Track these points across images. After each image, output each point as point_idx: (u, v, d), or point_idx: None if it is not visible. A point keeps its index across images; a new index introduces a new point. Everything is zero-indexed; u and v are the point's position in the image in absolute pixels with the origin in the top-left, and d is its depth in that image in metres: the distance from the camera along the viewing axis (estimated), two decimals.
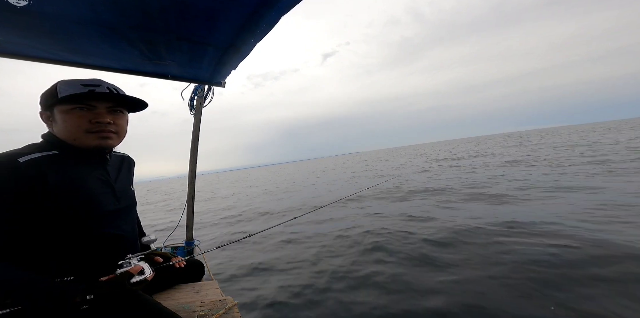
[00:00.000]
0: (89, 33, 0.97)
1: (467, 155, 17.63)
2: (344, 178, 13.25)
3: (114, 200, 0.91)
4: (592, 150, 11.30)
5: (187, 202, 2.36)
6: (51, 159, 0.80)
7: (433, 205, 5.22)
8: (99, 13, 0.85)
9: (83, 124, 0.84)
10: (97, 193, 0.87)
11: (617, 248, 2.50)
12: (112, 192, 0.92)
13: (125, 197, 0.98)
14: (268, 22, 0.92)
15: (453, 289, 2.16)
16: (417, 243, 3.26)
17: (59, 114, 0.83)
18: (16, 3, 0.76)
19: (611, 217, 3.39)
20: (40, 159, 0.78)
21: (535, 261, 2.44)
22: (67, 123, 0.83)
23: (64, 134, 0.85)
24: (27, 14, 0.82)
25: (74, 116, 0.83)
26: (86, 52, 1.15)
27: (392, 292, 2.22)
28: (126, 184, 1.02)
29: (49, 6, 0.80)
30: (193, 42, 1.07)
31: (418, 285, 2.28)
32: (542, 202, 4.44)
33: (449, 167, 11.90)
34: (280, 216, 6.12)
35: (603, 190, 4.68)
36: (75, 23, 0.90)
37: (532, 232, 3.15)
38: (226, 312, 1.11)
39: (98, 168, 0.92)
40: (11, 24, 0.89)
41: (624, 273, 2.10)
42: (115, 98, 0.88)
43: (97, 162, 0.92)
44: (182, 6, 0.83)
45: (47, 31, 0.94)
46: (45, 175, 0.75)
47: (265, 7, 0.84)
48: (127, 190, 1.01)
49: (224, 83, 1.69)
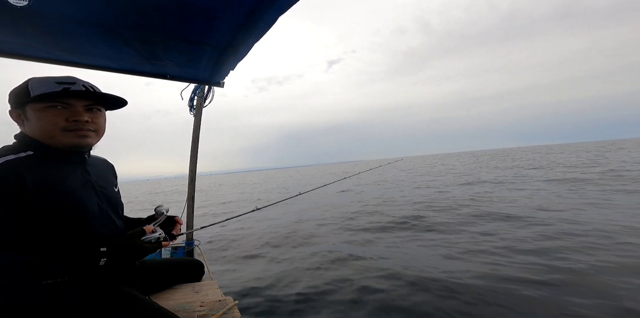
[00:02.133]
0: (87, 33, 0.96)
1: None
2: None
3: (97, 200, 0.89)
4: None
5: (187, 202, 2.36)
6: (27, 161, 0.76)
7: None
8: (96, 13, 0.85)
9: (60, 122, 0.81)
10: (79, 193, 0.84)
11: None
12: (94, 192, 0.90)
13: (108, 197, 0.96)
14: (266, 22, 0.92)
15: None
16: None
17: (32, 112, 0.80)
18: (16, 3, 0.76)
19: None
20: (15, 161, 0.74)
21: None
22: (41, 121, 0.80)
23: (38, 133, 0.81)
24: (26, 14, 0.82)
25: (49, 114, 0.80)
26: (84, 52, 1.15)
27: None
28: (109, 184, 0.99)
29: (48, 6, 0.80)
30: (190, 42, 1.07)
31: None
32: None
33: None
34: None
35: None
36: (73, 23, 0.90)
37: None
38: (226, 312, 1.11)
39: (77, 168, 0.88)
40: (11, 24, 0.89)
41: None
42: (92, 96, 0.86)
43: (76, 161, 0.89)
44: (179, 6, 0.82)
45: (46, 31, 0.95)
46: (24, 178, 0.72)
47: (263, 7, 0.83)
48: (111, 190, 0.99)
49: (222, 83, 1.68)
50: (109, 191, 0.97)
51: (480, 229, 3.89)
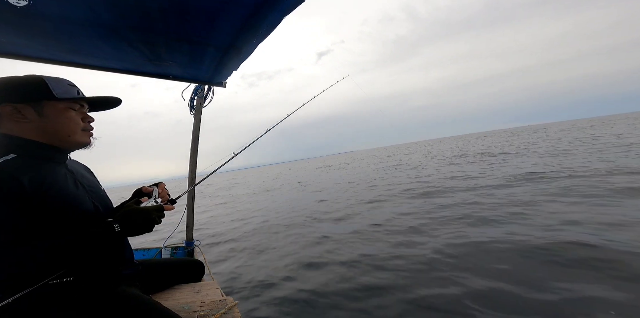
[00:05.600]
0: (89, 33, 0.96)
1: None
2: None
3: (90, 200, 0.90)
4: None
5: (187, 202, 2.35)
6: (15, 163, 0.74)
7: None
8: (98, 13, 0.84)
9: (80, 122, 0.88)
10: (74, 193, 0.85)
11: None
12: (86, 191, 0.91)
13: (100, 196, 0.96)
14: (270, 23, 0.92)
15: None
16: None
17: (53, 110, 0.81)
18: (16, 3, 0.75)
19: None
20: (5, 164, 0.72)
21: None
22: (66, 119, 0.84)
23: (55, 130, 0.83)
24: (27, 14, 0.81)
25: (73, 114, 0.86)
26: (86, 53, 1.15)
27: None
28: (95, 184, 1.00)
29: (49, 7, 0.79)
30: (193, 43, 1.07)
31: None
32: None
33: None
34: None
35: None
36: (75, 23, 0.90)
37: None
38: (226, 312, 1.11)
39: (62, 168, 0.89)
40: (11, 24, 0.89)
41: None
42: (94, 100, 0.93)
43: (60, 161, 0.89)
44: (182, 7, 0.82)
45: (47, 31, 0.94)
46: (19, 180, 0.71)
47: (267, 8, 0.83)
48: (99, 190, 0.99)
49: (225, 83, 1.69)
50: (98, 190, 0.98)
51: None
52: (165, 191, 1.05)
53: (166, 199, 1.03)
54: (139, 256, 2.20)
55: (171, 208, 0.94)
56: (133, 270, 1.01)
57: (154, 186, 1.03)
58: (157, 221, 0.83)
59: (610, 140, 11.62)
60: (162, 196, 1.02)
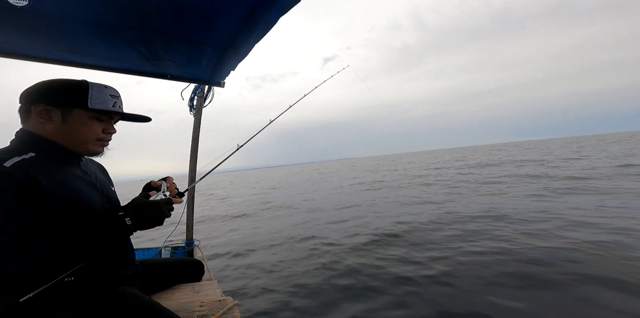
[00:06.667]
0: (87, 33, 0.96)
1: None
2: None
3: (102, 200, 0.91)
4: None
5: (187, 202, 2.35)
6: (33, 162, 0.75)
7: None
8: (97, 13, 0.84)
9: (98, 133, 0.87)
10: (87, 193, 0.86)
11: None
12: (97, 191, 0.91)
13: (109, 197, 0.97)
14: (266, 23, 0.92)
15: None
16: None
17: (79, 117, 0.82)
18: (16, 3, 0.75)
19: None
20: (25, 163, 0.73)
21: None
22: (85, 128, 0.84)
23: (71, 136, 0.83)
24: (26, 14, 0.81)
25: (95, 124, 0.86)
26: (85, 52, 1.15)
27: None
28: (107, 184, 1.01)
29: (49, 6, 0.79)
30: (192, 43, 1.07)
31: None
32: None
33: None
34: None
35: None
36: (73, 23, 0.90)
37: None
38: (226, 312, 1.11)
39: (77, 169, 0.90)
40: (11, 24, 0.89)
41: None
42: (129, 116, 0.94)
43: (75, 163, 0.90)
44: (179, 6, 0.82)
45: (46, 31, 0.94)
46: (37, 179, 0.72)
47: (264, 8, 0.83)
48: (109, 190, 1.00)
49: (223, 83, 1.69)
50: (108, 191, 0.99)
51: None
52: (173, 185, 1.06)
53: (174, 193, 1.04)
54: (139, 256, 2.20)
55: (180, 201, 0.95)
56: (133, 270, 1.01)
57: (163, 180, 1.04)
58: (167, 214, 0.83)
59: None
60: (171, 190, 1.03)
